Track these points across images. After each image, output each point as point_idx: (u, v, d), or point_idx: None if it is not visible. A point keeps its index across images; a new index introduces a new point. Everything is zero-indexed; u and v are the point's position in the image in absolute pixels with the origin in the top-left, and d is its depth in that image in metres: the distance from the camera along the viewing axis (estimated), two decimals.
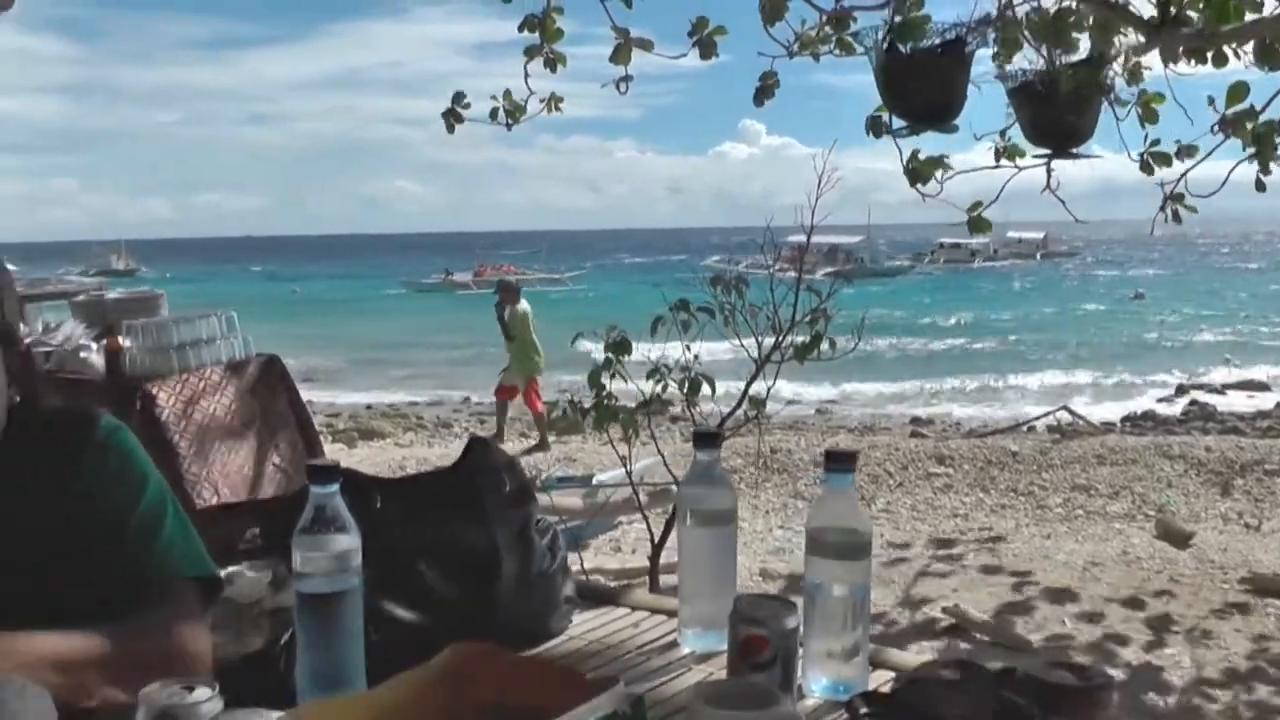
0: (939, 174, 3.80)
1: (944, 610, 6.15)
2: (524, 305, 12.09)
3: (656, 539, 4.75)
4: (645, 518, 4.98)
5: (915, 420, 15.88)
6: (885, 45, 3.22)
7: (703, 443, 1.78)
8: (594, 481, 8.25)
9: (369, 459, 9.36)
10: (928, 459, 10.10)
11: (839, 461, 1.64)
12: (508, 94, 4.60)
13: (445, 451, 10.78)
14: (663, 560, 4.83)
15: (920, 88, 3.25)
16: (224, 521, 4.70)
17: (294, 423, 4.94)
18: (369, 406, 14.87)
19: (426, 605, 1.60)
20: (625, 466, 4.64)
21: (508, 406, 11.95)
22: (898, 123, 3.46)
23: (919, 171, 3.81)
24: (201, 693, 1.17)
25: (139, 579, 1.52)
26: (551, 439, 10.99)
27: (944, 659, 1.63)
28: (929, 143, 3.74)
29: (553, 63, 4.47)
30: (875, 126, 3.90)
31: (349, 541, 1.43)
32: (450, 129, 4.66)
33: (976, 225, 3.90)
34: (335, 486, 1.43)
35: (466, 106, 4.69)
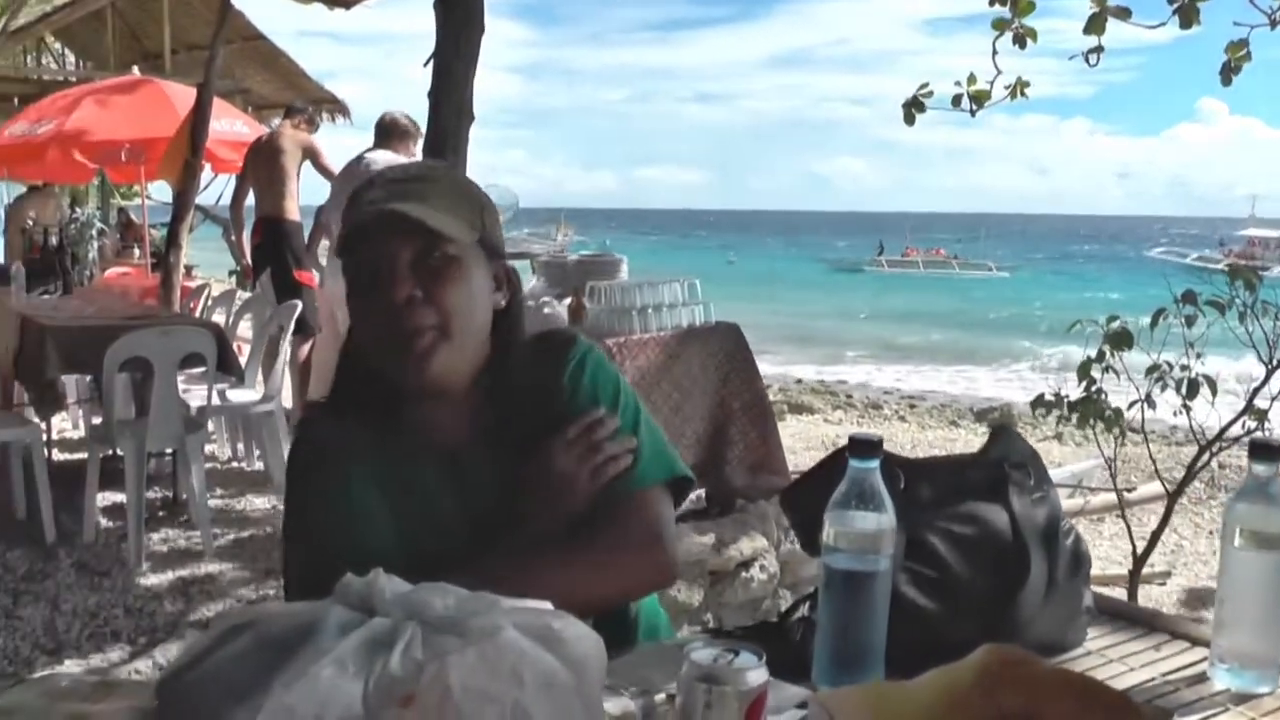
0: None
1: None
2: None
3: (1139, 549, 4.44)
4: (1127, 523, 4.67)
5: None
6: None
7: (1261, 454, 1.58)
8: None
9: (800, 434, 9.34)
10: None
11: None
12: (972, 78, 4.41)
13: (879, 433, 10.58)
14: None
15: None
16: None
17: (749, 393, 4.95)
18: (799, 381, 14.91)
19: (949, 598, 1.50)
20: (1110, 468, 4.37)
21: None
22: None
23: None
24: (747, 659, 1.13)
25: (611, 484, 1.65)
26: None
27: None
28: None
29: (1021, 38, 4.25)
30: None
31: (884, 521, 1.36)
32: (910, 120, 4.53)
33: None
34: (876, 462, 1.36)
35: (929, 95, 4.55)
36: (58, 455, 6.50)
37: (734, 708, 1.11)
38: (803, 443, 8.74)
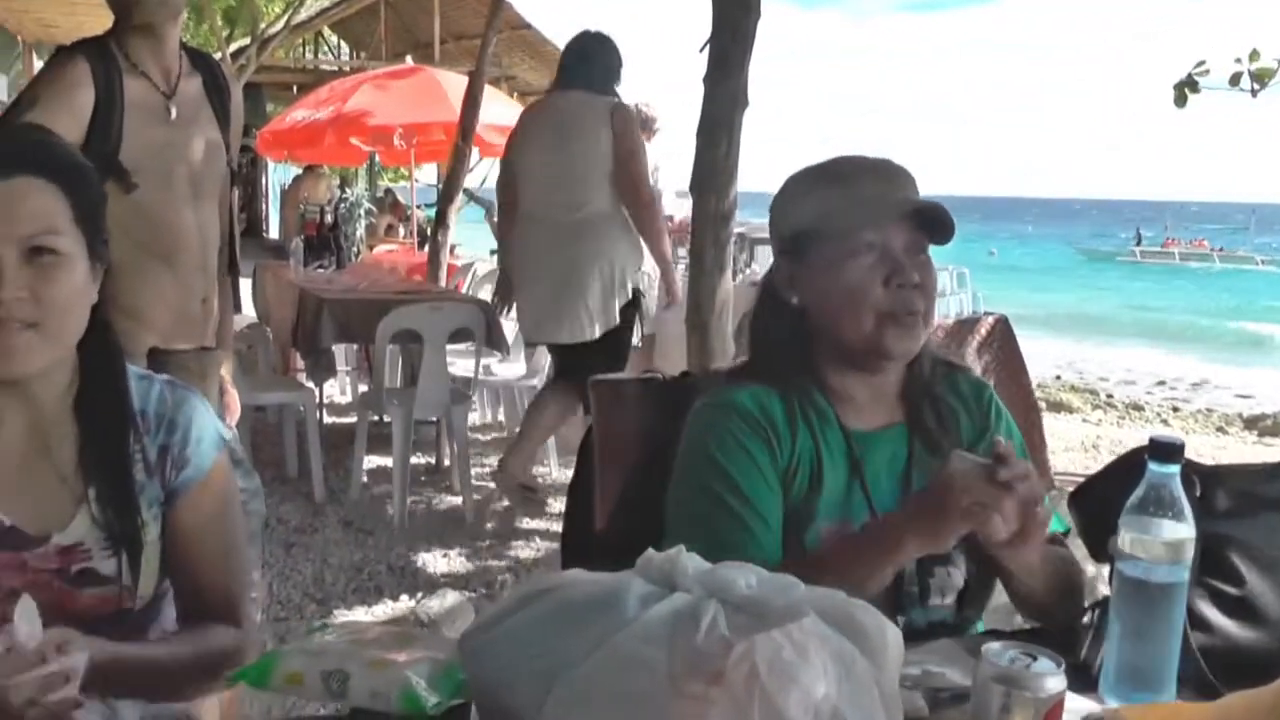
0: None
1: None
2: None
3: None
4: None
5: None
6: None
7: None
8: None
9: (1058, 433, 8.97)
10: None
11: None
12: (1254, 54, 4.14)
13: (1141, 437, 10.09)
14: None
15: None
16: None
17: (1015, 387, 4.83)
18: (1058, 377, 14.33)
19: (1250, 617, 1.44)
20: None
21: None
22: None
23: None
24: (1046, 664, 1.11)
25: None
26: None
27: None
28: None
29: None
30: None
31: (1184, 530, 1.31)
32: (1181, 102, 4.30)
33: None
34: (1177, 468, 1.31)
35: (1204, 73, 4.31)
36: (327, 419, 6.87)
37: (1030, 713, 1.09)
38: (1061, 443, 8.41)
